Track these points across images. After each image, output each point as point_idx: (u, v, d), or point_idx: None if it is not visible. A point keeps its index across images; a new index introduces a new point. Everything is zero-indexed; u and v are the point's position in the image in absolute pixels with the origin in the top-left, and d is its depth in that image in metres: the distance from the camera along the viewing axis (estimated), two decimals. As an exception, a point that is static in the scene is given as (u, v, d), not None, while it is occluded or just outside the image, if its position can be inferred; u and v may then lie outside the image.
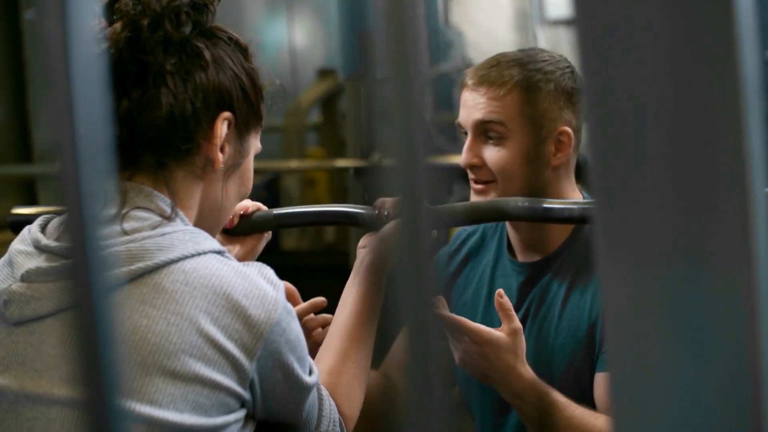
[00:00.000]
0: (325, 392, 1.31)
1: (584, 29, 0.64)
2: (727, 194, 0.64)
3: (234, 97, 1.25)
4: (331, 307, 1.68)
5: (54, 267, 1.16)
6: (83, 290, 0.48)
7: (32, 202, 4.53)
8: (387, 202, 1.46)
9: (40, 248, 1.19)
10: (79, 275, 0.48)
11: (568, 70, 1.66)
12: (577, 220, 1.44)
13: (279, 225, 1.57)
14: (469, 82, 1.66)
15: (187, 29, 1.23)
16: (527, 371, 1.50)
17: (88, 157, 0.47)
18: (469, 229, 1.85)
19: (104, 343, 0.48)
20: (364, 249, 1.49)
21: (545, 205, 1.44)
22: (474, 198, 1.67)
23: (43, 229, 1.23)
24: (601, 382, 1.58)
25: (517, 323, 1.49)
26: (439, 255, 1.83)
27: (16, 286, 1.17)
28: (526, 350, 1.50)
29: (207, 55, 1.23)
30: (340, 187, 5.02)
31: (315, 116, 5.61)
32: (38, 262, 1.18)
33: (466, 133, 1.68)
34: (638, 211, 0.65)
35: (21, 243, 1.22)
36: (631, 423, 0.66)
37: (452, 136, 4.53)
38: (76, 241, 0.48)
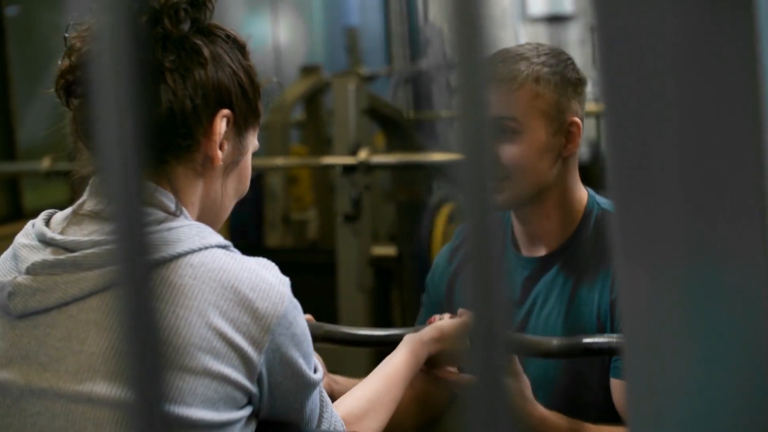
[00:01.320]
0: (327, 398, 1.32)
1: (605, 33, 0.64)
2: (743, 195, 0.64)
3: (233, 94, 1.25)
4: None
5: (60, 260, 1.16)
6: (130, 279, 0.48)
7: (15, 201, 4.50)
8: (437, 318, 1.55)
9: (45, 241, 1.19)
10: (127, 262, 0.48)
11: (569, 61, 1.66)
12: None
13: (326, 339, 1.61)
14: None
15: (186, 26, 1.22)
16: (536, 409, 1.51)
17: (129, 152, 0.47)
18: None
19: (149, 331, 0.47)
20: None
21: (585, 340, 1.50)
22: None
23: (47, 222, 1.22)
24: (618, 388, 1.57)
25: (518, 366, 1.51)
26: (441, 252, 1.83)
27: (22, 279, 1.16)
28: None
29: (205, 52, 1.23)
30: (322, 184, 5.01)
31: (298, 113, 5.59)
32: (44, 255, 1.17)
33: None
34: (655, 212, 0.65)
35: (25, 237, 1.22)
36: (648, 423, 0.66)
37: (432, 133, 4.51)
38: (123, 234, 0.48)
